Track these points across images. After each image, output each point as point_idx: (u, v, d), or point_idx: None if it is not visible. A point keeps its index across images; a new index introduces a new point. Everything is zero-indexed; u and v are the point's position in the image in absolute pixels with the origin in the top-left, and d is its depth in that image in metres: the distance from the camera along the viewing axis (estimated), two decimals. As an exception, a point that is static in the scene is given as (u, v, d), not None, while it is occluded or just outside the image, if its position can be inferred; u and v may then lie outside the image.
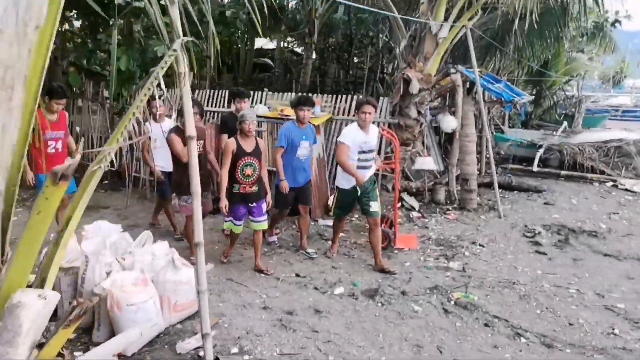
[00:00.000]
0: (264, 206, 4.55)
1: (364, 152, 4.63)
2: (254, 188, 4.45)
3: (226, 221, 4.64)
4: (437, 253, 5.26)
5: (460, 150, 7.00)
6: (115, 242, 3.98)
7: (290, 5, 16.99)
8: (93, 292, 3.45)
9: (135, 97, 2.32)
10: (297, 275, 4.58)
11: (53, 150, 4.70)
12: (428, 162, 6.91)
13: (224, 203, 4.32)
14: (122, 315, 3.27)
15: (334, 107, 7.03)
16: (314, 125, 5.38)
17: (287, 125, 5.00)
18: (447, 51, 6.73)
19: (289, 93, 7.68)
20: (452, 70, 6.68)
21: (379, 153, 6.13)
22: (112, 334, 3.37)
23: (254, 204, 4.47)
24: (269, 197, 4.68)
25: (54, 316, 3.89)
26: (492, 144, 7.37)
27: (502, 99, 7.42)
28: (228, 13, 8.83)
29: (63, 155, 4.71)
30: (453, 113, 7.30)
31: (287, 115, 6.71)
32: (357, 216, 6.34)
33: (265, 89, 7.53)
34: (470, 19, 6.45)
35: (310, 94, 7.29)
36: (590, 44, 15.47)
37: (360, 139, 4.59)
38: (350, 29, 16.65)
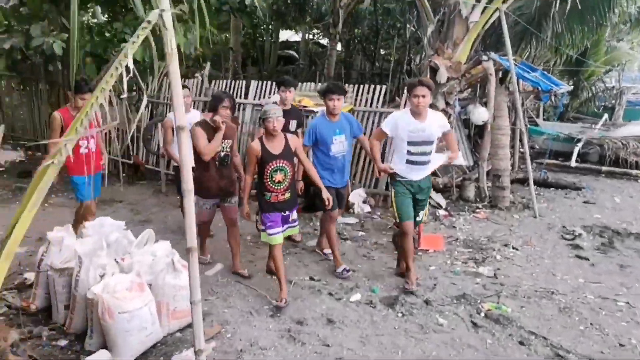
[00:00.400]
0: (295, 212, 3.97)
1: (415, 143, 3.85)
2: (287, 195, 3.80)
3: (262, 231, 3.99)
4: (465, 256, 4.80)
5: (491, 144, 6.49)
6: (116, 240, 3.70)
7: (314, -3, 16.63)
8: (86, 297, 3.18)
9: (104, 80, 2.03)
10: (312, 278, 4.22)
11: (85, 151, 4.32)
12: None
13: (246, 210, 3.83)
14: (114, 323, 2.98)
15: (356, 98, 6.61)
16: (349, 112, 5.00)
17: (316, 120, 4.41)
18: (478, 37, 6.18)
19: (310, 83, 7.29)
20: (484, 57, 6.16)
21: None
22: (106, 343, 3.09)
23: (287, 213, 3.86)
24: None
25: (49, 319, 3.72)
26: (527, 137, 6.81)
27: (539, 89, 6.85)
28: (248, 1, 8.44)
29: (97, 156, 4.43)
30: (484, 104, 6.78)
31: (305, 107, 6.34)
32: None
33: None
34: (504, 1, 5.90)
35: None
36: (633, 32, 14.47)
37: (410, 126, 3.83)
38: (376, 20, 16.14)
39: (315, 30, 19.60)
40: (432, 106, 6.41)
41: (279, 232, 3.78)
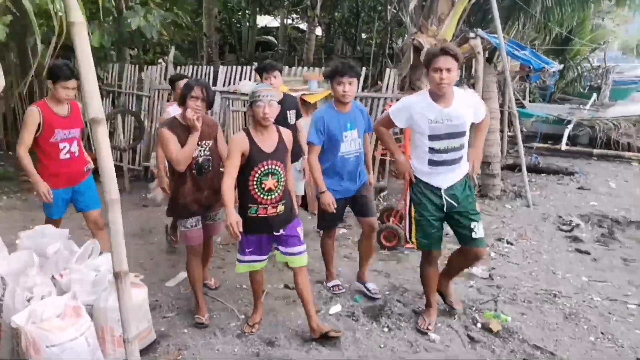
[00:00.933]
0: (300, 230, 2.99)
1: (440, 137, 2.83)
2: (280, 207, 2.87)
3: (238, 261, 3.01)
4: (456, 254, 4.36)
5: (480, 128, 6.03)
6: (57, 252, 3.16)
7: (292, -22, 15.98)
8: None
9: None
10: (286, 286, 3.74)
11: (67, 156, 3.48)
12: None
13: (232, 220, 2.68)
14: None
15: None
16: (355, 103, 3.63)
17: (321, 112, 3.40)
18: (464, 12, 5.70)
19: (294, 67, 6.66)
20: (471, 34, 5.68)
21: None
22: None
23: (282, 231, 2.92)
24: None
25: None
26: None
27: (531, 68, 6.40)
28: (216, -20, 7.80)
29: (80, 161, 3.60)
30: (472, 85, 6.32)
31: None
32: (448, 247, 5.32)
33: (231, 58, 6.58)
34: (492, -28, 5.40)
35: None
36: (618, 8, 14.13)
37: (431, 114, 2.80)
38: (356, 2, 15.58)
39: (294, 15, 19.03)
40: (417, 89, 5.95)
41: (256, 260, 2.97)
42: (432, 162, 2.89)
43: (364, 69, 6.06)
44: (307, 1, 13.55)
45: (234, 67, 6.72)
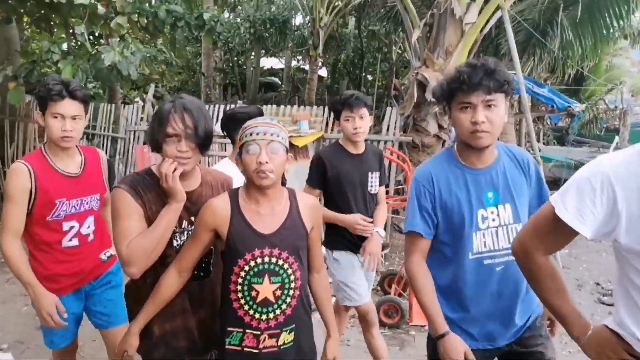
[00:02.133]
0: None
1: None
2: (285, 337, 1.64)
3: None
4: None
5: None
6: None
7: (296, 21, 15.82)
8: None
9: None
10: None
11: (74, 242, 2.12)
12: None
13: (131, 343, 1.65)
14: None
15: (327, 123, 5.35)
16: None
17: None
18: (475, 43, 5.00)
19: (288, 106, 5.93)
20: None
21: (387, 185, 4.18)
22: None
23: None
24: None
25: None
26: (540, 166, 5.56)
27: (554, 107, 5.63)
28: (206, 16, 7.27)
29: (95, 248, 2.21)
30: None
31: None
32: None
33: (239, 101, 5.91)
34: None
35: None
36: (633, 47, 13.55)
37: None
38: (361, 43, 15.26)
39: (299, 57, 18.89)
40: (423, 131, 5.19)
41: None
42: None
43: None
44: (310, 40, 13.13)
45: (236, 104, 6.03)
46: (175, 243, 1.67)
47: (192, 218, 1.67)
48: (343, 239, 2.63)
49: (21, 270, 1.99)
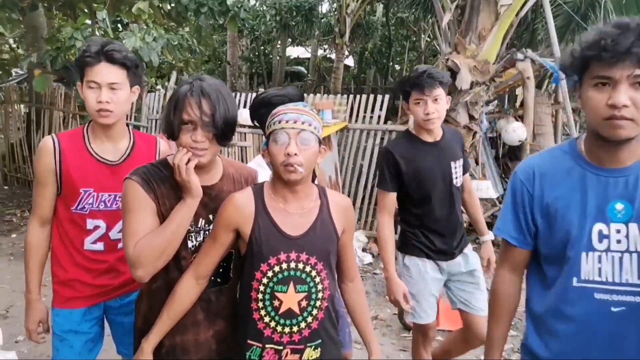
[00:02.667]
0: None
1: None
2: (311, 354, 1.44)
3: None
4: (511, 345, 3.19)
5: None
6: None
7: (323, 8, 15.58)
8: None
9: None
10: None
11: (98, 246, 1.73)
12: (484, 188, 4.88)
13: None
14: None
15: (351, 111, 5.13)
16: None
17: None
18: (511, 27, 4.67)
19: (311, 95, 5.72)
20: (520, 55, 4.63)
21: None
22: None
23: None
24: None
25: None
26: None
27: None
28: (230, 2, 7.11)
29: (121, 262, 1.73)
30: (520, 117, 5.22)
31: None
32: None
33: (261, 89, 5.74)
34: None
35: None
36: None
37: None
38: (389, 31, 14.88)
39: (325, 46, 18.68)
40: (452, 122, 4.92)
41: None
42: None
43: (386, 96, 5.14)
44: (336, 28, 12.86)
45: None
46: (190, 244, 1.47)
47: (211, 216, 1.48)
48: (417, 241, 2.24)
49: (29, 266, 1.72)
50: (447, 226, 2.23)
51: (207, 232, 1.49)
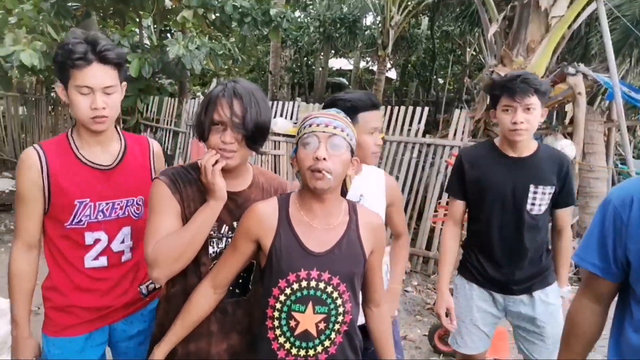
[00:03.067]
0: None
1: None
2: None
3: None
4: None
5: (580, 191, 4.61)
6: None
7: (367, 21, 15.57)
8: None
9: None
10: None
11: (101, 262, 1.55)
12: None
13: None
14: None
15: (389, 123, 5.00)
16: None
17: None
18: (562, 40, 4.42)
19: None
20: (571, 69, 4.37)
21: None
22: None
23: None
24: None
25: None
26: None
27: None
28: (273, 12, 7.16)
29: (126, 277, 1.61)
30: (569, 135, 4.93)
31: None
32: None
33: (298, 98, 5.71)
34: (602, -10, 4.15)
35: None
36: None
37: None
38: (433, 44, 14.67)
39: (368, 58, 18.63)
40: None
41: None
42: None
43: (426, 108, 4.98)
44: (379, 40, 12.77)
45: (302, 103, 5.81)
46: (211, 250, 1.40)
47: (235, 223, 1.41)
48: (469, 263, 2.03)
49: (15, 298, 1.48)
50: (508, 255, 1.92)
51: (229, 240, 1.43)
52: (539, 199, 1.88)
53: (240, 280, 1.43)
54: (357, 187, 1.69)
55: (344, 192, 1.36)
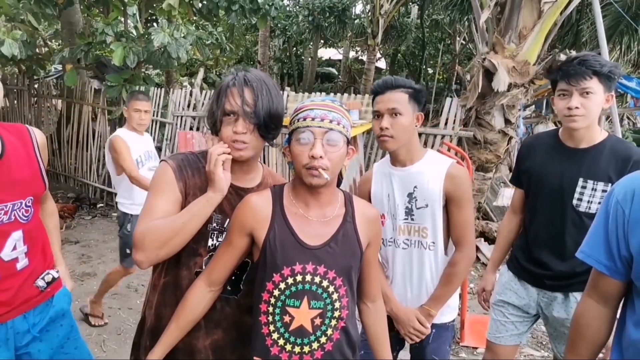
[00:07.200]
0: None
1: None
2: None
3: None
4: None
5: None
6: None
7: (356, 9, 15.43)
8: None
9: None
10: None
11: (13, 255, 1.43)
12: (510, 196, 4.59)
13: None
14: None
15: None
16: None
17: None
18: (554, 26, 4.37)
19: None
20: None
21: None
22: None
23: None
24: None
25: None
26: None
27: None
28: (261, 0, 7.01)
29: (25, 282, 1.47)
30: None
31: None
32: None
33: (287, 88, 5.60)
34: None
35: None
36: None
37: None
38: (423, 33, 14.59)
39: (357, 48, 18.55)
40: (486, 125, 4.65)
41: None
42: None
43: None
44: (368, 29, 12.67)
45: (291, 92, 5.69)
46: (210, 242, 1.37)
47: (220, 216, 1.38)
48: (515, 260, 1.96)
49: None
50: (548, 250, 1.82)
51: (224, 229, 1.39)
52: (587, 194, 1.72)
53: (233, 277, 1.37)
54: (415, 175, 1.67)
55: (338, 182, 1.32)
